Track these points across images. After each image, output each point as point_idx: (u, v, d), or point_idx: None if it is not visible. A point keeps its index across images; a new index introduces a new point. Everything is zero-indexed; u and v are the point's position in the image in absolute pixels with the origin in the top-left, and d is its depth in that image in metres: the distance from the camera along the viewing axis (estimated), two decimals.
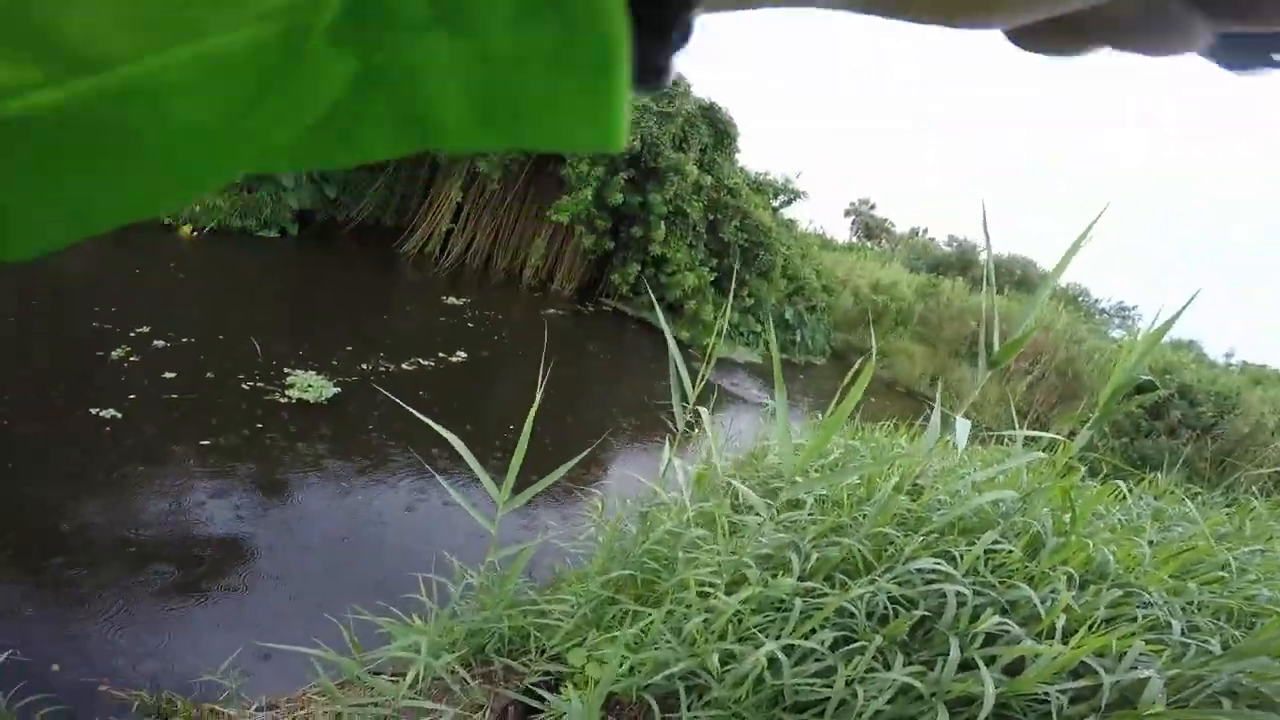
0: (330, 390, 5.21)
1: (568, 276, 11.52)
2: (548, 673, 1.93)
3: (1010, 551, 2.07)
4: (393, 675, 1.87)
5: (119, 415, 3.97)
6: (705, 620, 1.78)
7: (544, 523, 3.93)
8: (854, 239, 32.29)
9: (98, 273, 6.67)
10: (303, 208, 9.93)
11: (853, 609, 1.87)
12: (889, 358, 14.30)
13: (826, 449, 3.64)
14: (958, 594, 1.87)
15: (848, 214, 36.13)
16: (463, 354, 7.20)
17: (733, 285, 4.61)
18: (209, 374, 4.88)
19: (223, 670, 2.09)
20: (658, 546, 2.07)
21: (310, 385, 5.17)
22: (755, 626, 1.83)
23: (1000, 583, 1.97)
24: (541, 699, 1.68)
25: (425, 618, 1.96)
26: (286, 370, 5.28)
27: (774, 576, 1.94)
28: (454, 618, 1.94)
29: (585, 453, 1.98)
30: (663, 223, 10.37)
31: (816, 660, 1.79)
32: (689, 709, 1.69)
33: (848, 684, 1.70)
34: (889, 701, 1.69)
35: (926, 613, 1.89)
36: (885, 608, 1.93)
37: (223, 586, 3.03)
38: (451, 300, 9.26)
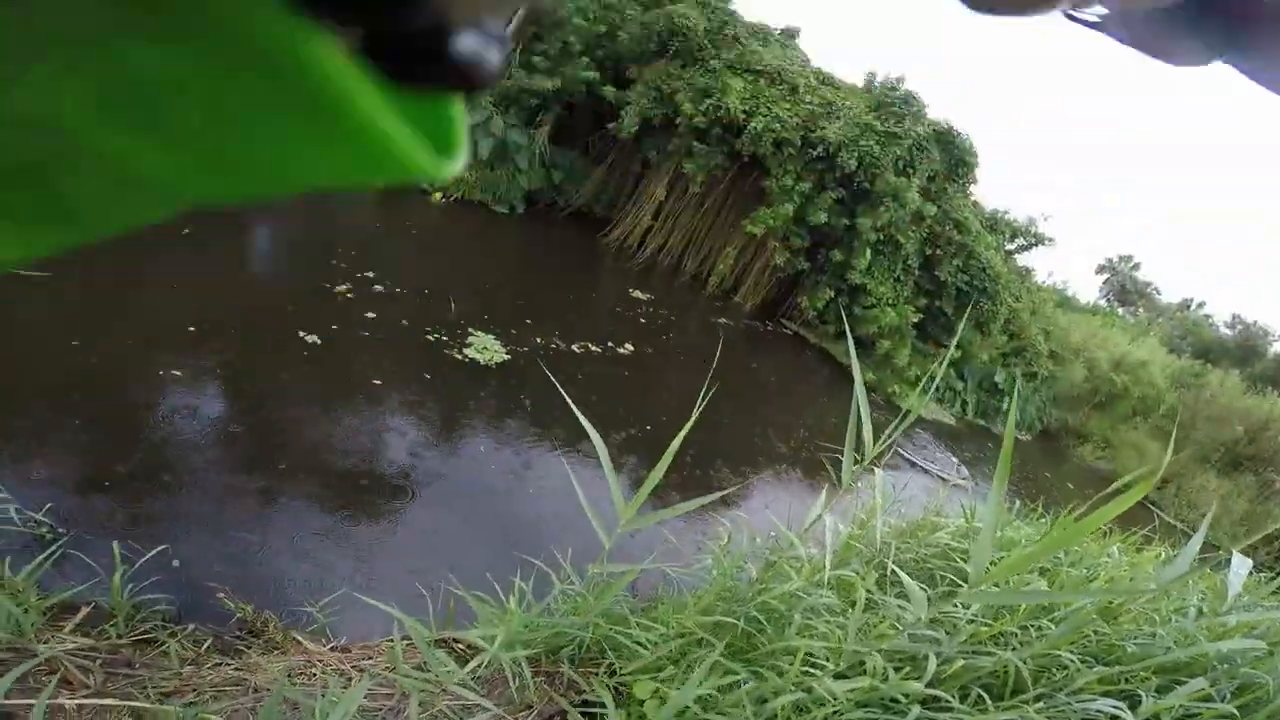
0: (501, 355, 5.55)
1: (753, 290, 11.16)
2: (614, 692, 1.74)
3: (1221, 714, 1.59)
4: (467, 650, 1.82)
5: (319, 341, 4.60)
6: (796, 702, 1.45)
7: (664, 536, 3.74)
8: (1103, 301, 27.40)
9: (353, 223, 7.97)
10: (531, 189, 10.90)
11: None
12: (1113, 449, 11.97)
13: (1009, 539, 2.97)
14: None
15: (1100, 271, 30.46)
16: (629, 347, 7.30)
17: (933, 329, 3.97)
18: (404, 320, 5.47)
19: (321, 605, 2.22)
20: (774, 601, 1.76)
21: (485, 348, 5.55)
22: None
23: None
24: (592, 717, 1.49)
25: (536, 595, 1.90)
26: (471, 330, 5.75)
27: (898, 672, 1.54)
28: (544, 614, 1.84)
29: (723, 491, 1.74)
30: (869, 250, 9.50)
31: None
32: None
33: None
34: None
35: None
36: None
37: (353, 518, 3.29)
38: (636, 294, 9.49)
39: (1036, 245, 11.90)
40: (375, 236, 7.70)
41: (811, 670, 1.57)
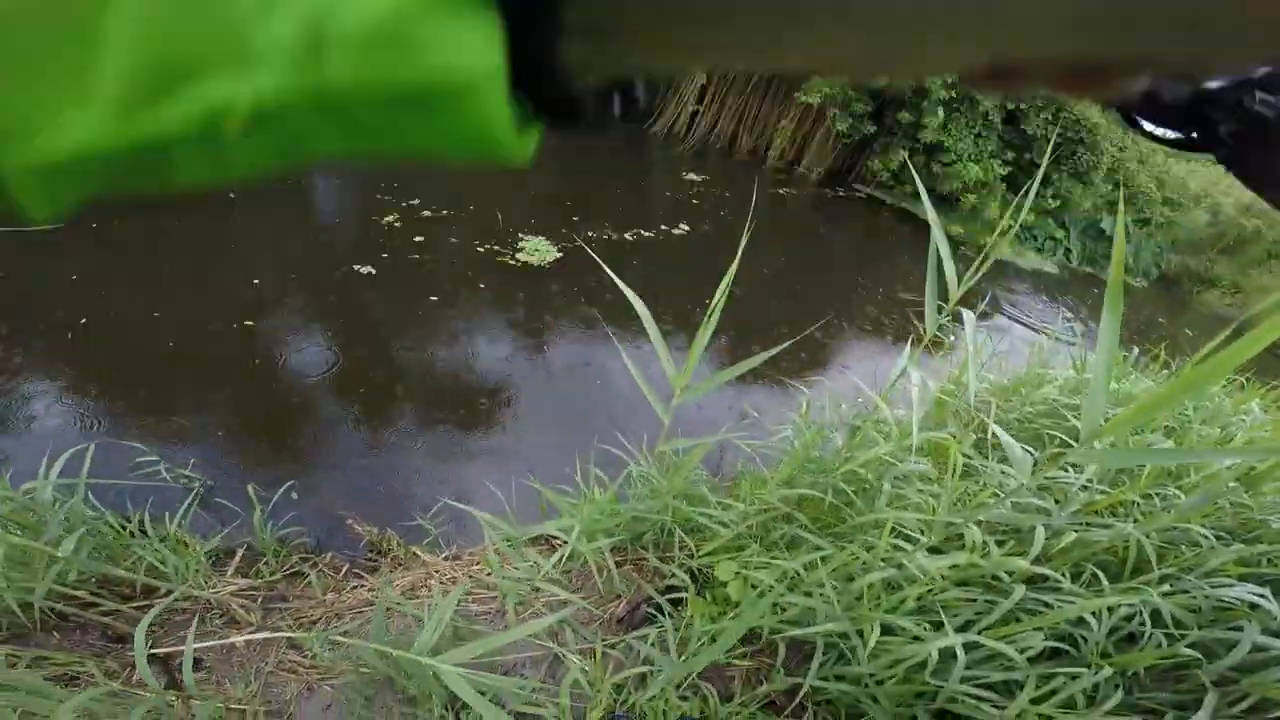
0: (553, 254, 5.53)
1: (818, 159, 10.40)
2: (694, 576, 1.71)
3: None
4: (559, 545, 1.83)
5: (373, 271, 4.68)
6: (887, 579, 1.34)
7: (745, 411, 3.64)
8: None
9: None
10: None
11: (1090, 618, 1.31)
12: (1244, 294, 10.83)
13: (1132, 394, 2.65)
14: (1260, 641, 1.25)
15: None
16: (684, 227, 7.02)
17: (1025, 180, 3.44)
18: (453, 239, 5.47)
19: (431, 515, 2.29)
20: (862, 470, 1.63)
21: (537, 249, 5.56)
22: (950, 603, 1.36)
23: None
24: (677, 603, 1.47)
25: (607, 486, 1.86)
26: (521, 235, 5.72)
27: (1000, 546, 1.40)
28: (618, 502, 1.80)
29: (785, 344, 1.58)
30: (940, 108, 8.64)
31: (1004, 668, 1.31)
32: (820, 669, 1.34)
33: (1020, 715, 1.24)
34: None
35: (1192, 652, 1.28)
36: (1140, 627, 1.35)
37: (439, 430, 3.40)
38: (690, 176, 9.06)
39: None
40: (421, 165, 7.62)
41: (903, 545, 1.45)
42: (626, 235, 6.38)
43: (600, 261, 1.58)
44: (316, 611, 1.94)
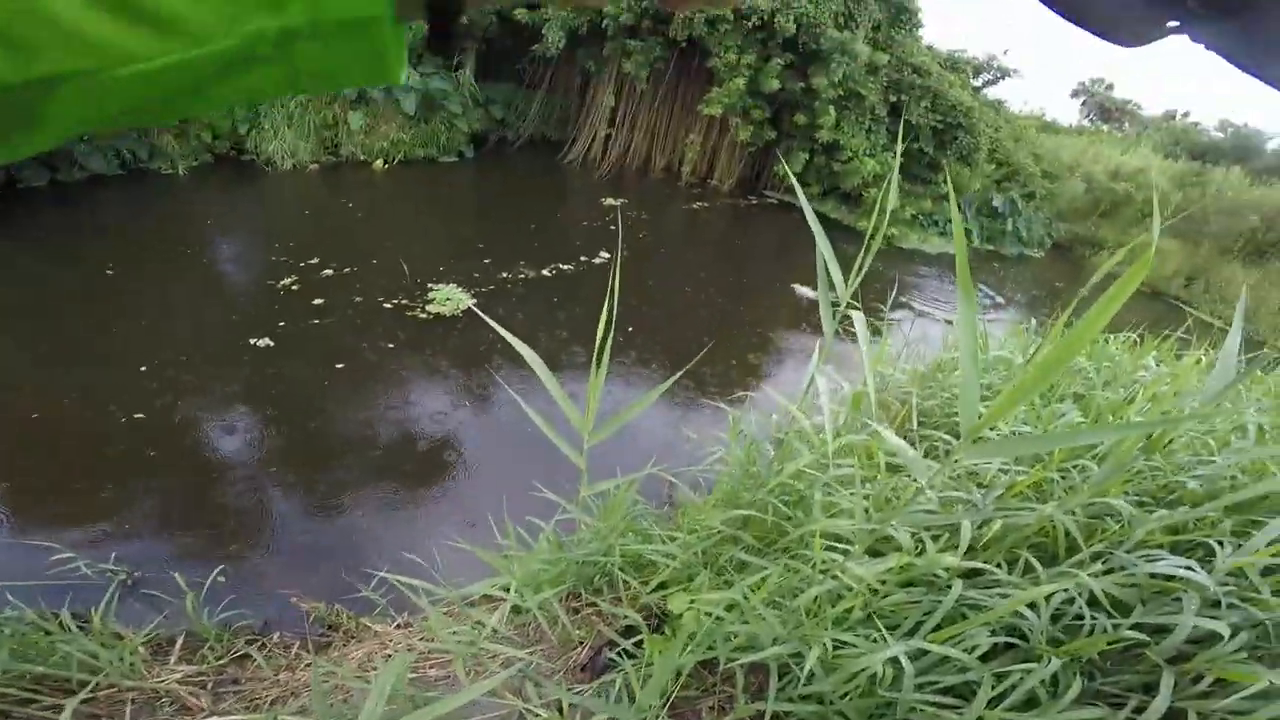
0: (466, 302, 5.32)
1: (727, 171, 10.86)
2: (651, 612, 1.71)
3: None
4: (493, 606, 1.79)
5: (270, 343, 4.42)
6: (828, 591, 1.36)
7: (687, 433, 3.68)
8: (1086, 122, 27.32)
9: (292, 209, 7.61)
10: (474, 131, 10.34)
11: (1028, 611, 1.32)
12: (1131, 253, 11.86)
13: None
14: (1199, 621, 1.24)
15: (1076, 95, 30.06)
16: (605, 255, 7.04)
17: (907, 165, 3.69)
18: (357, 298, 5.20)
19: (372, 587, 2.20)
20: (792, 482, 1.67)
21: (449, 299, 5.30)
22: (895, 606, 1.37)
23: None
24: (641, 643, 1.46)
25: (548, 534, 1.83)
26: (430, 285, 5.50)
27: (935, 541, 1.43)
28: (560, 549, 1.78)
29: (687, 366, 1.61)
30: (831, 107, 9.20)
31: (958, 670, 1.30)
32: (780, 692, 1.33)
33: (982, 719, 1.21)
34: None
35: (1138, 634, 1.28)
36: (1079, 611, 1.34)
37: (372, 497, 3.28)
38: (609, 202, 9.17)
39: (1002, 78, 11.92)
40: (318, 220, 7.35)
41: (836, 554, 1.46)
42: (545, 271, 6.31)
43: (484, 316, 1.58)
44: (271, 691, 1.84)
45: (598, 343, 1.22)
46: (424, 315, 5.07)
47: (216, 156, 8.36)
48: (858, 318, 1.51)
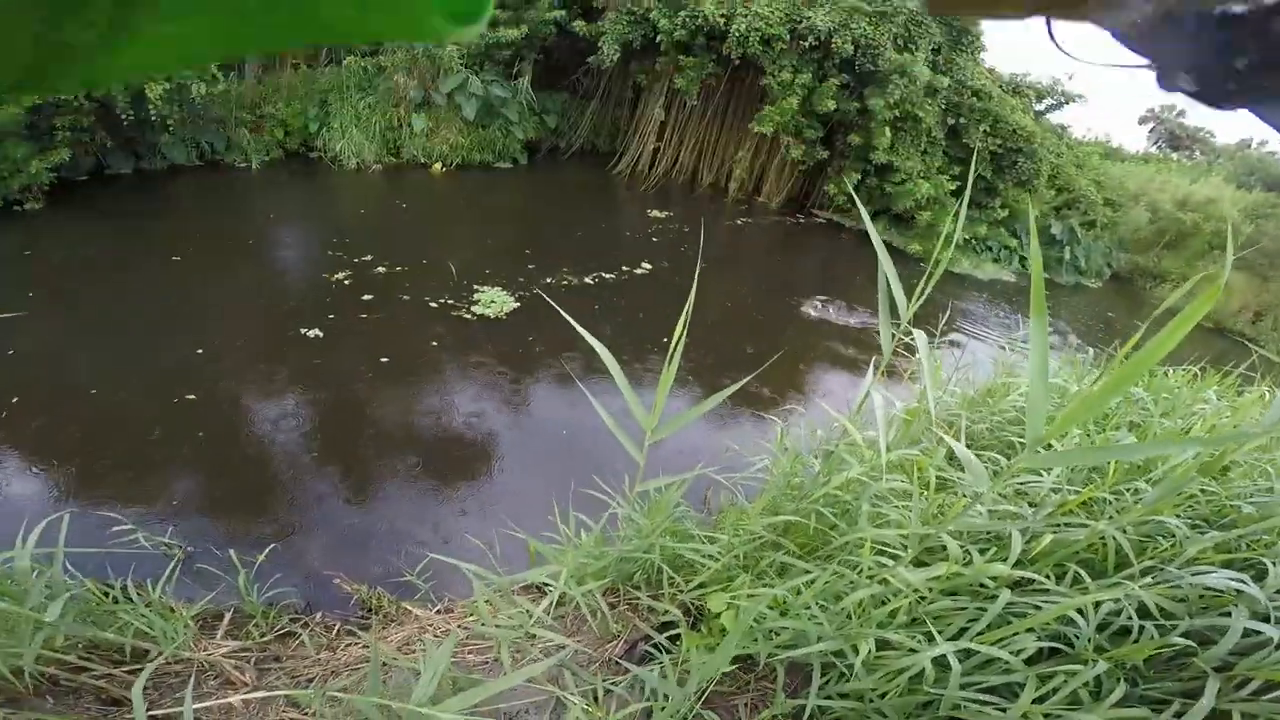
0: (510, 305, 5.44)
1: (775, 188, 10.82)
2: (688, 610, 1.73)
3: None
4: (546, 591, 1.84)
5: (320, 334, 4.60)
6: (875, 594, 1.39)
7: (729, 444, 3.70)
8: (1154, 149, 26.09)
9: (352, 207, 7.93)
10: (528, 139, 10.62)
11: (1076, 616, 1.35)
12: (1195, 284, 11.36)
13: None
14: (1251, 625, 1.28)
15: (1144, 121, 28.84)
16: (647, 265, 7.09)
17: (970, 191, 3.64)
18: (405, 296, 5.36)
19: (417, 572, 2.28)
20: (839, 493, 1.68)
21: (493, 301, 5.44)
22: (940, 612, 1.40)
23: None
24: (675, 639, 1.48)
25: (591, 530, 1.88)
26: (476, 287, 5.65)
27: (983, 554, 1.44)
28: (605, 544, 1.83)
29: (747, 378, 1.64)
30: (888, 129, 9.10)
31: (1002, 671, 1.34)
32: (820, 689, 1.36)
33: (1025, 715, 1.26)
34: None
35: (1185, 640, 1.31)
36: (1128, 620, 1.38)
37: (381, 494, 3.38)
38: (654, 213, 9.26)
39: (1066, 104, 11.39)
40: (375, 218, 7.65)
41: (886, 561, 1.50)
42: (587, 279, 6.40)
43: (558, 308, 1.64)
44: (312, 670, 1.91)
45: (673, 343, 1.27)
46: (468, 316, 5.22)
47: (287, 153, 8.80)
48: (920, 336, 1.52)
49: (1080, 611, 1.38)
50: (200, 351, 4.20)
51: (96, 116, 6.53)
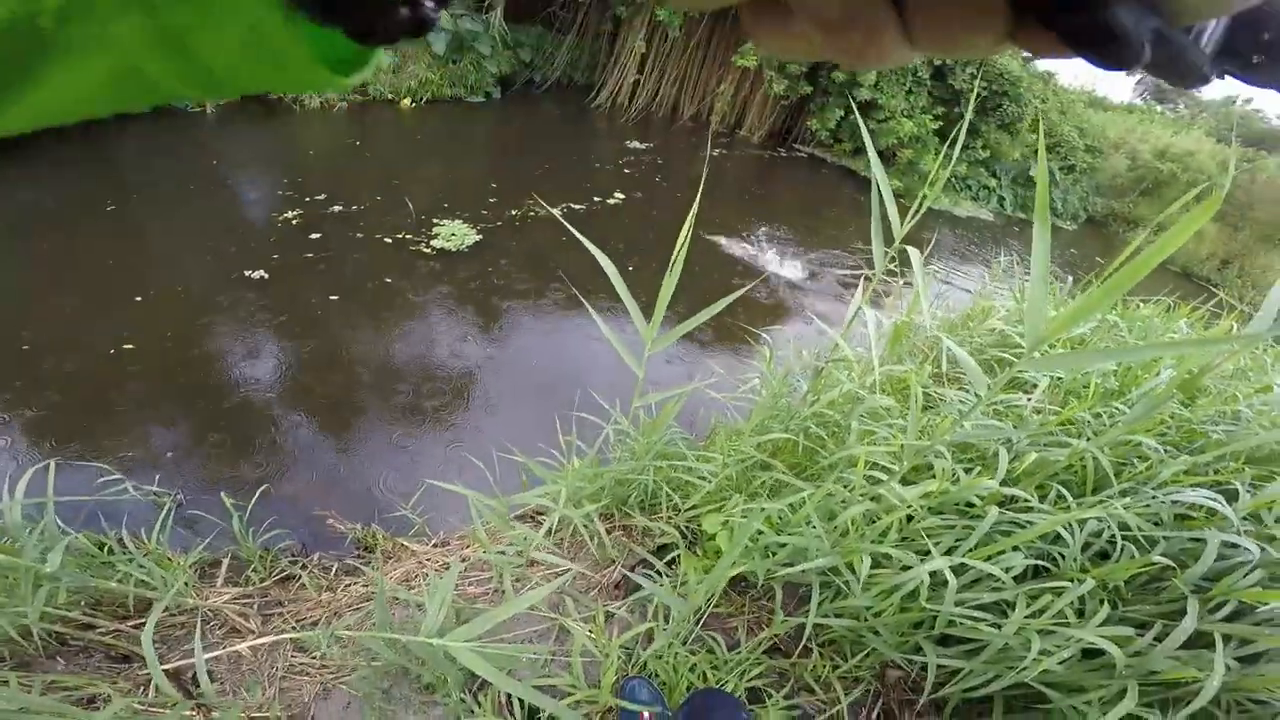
0: (472, 238, 5.26)
1: (758, 122, 10.61)
2: (682, 533, 1.77)
3: None
4: (540, 519, 1.86)
5: (265, 275, 4.38)
6: (866, 512, 1.42)
7: (710, 369, 3.70)
8: (1139, 100, 26.14)
9: (311, 147, 7.52)
10: (502, 73, 10.14)
11: (1063, 533, 1.40)
12: (1166, 231, 11.72)
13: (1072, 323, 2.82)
14: (1224, 543, 1.34)
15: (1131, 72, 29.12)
16: (619, 196, 6.91)
17: (961, 133, 3.55)
18: (358, 234, 5.11)
19: (412, 505, 2.28)
20: (829, 411, 1.70)
21: (454, 234, 5.24)
22: (928, 530, 1.44)
23: None
24: (671, 564, 1.52)
25: (584, 455, 1.88)
26: (435, 222, 5.42)
27: (969, 472, 1.48)
28: (601, 465, 1.83)
29: (739, 292, 1.62)
30: None
31: (992, 589, 1.40)
32: (819, 607, 1.41)
33: (1020, 630, 1.31)
34: (1063, 662, 1.27)
35: (1165, 559, 1.36)
36: (1109, 540, 1.44)
37: (401, 423, 3.35)
38: (633, 145, 9.02)
39: None
40: (333, 157, 7.28)
41: (878, 476, 1.54)
42: (555, 209, 6.23)
43: (563, 220, 1.59)
44: (315, 612, 1.93)
45: (676, 248, 1.23)
46: (427, 250, 5.05)
47: (244, 95, 8.25)
48: (914, 252, 1.51)
49: (1067, 529, 1.43)
50: (138, 299, 4.03)
51: None
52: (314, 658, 1.73)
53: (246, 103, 8.20)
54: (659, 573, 1.74)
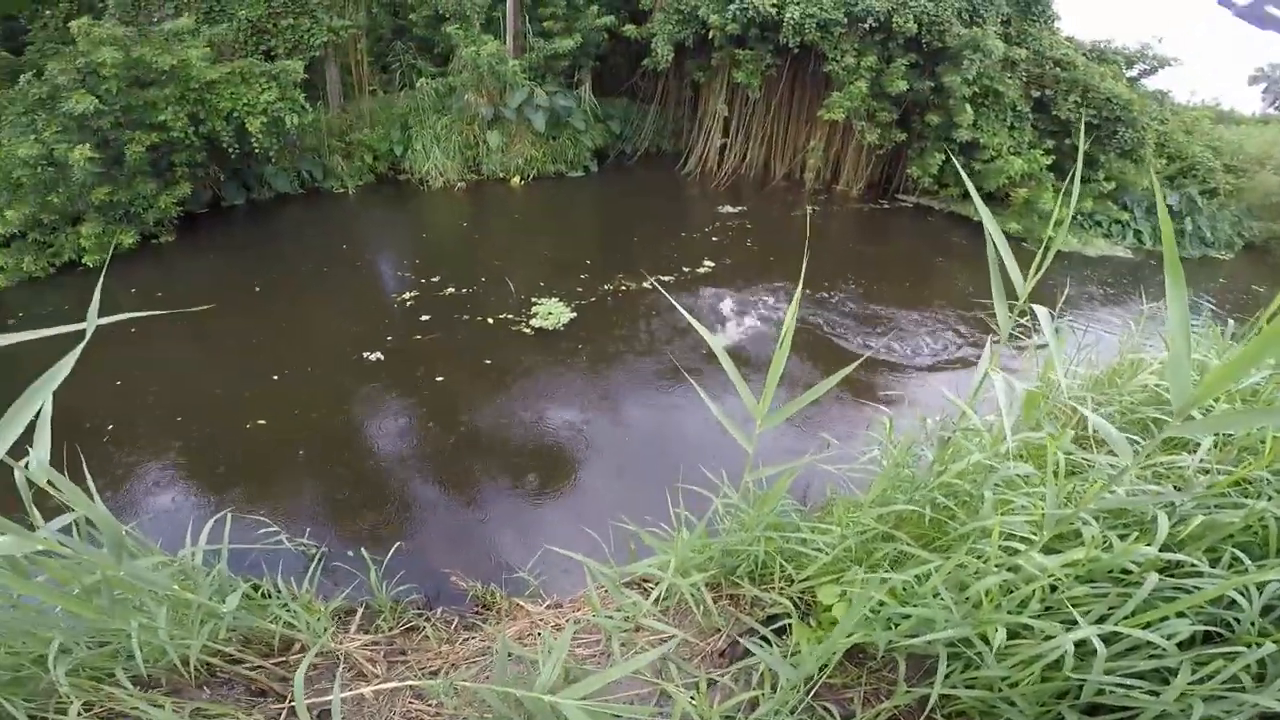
0: (567, 316, 5.48)
1: (854, 175, 10.45)
2: (796, 605, 1.67)
3: None
4: (653, 587, 1.84)
5: (380, 357, 4.80)
6: (1003, 583, 1.29)
7: (822, 440, 3.57)
8: (1273, 109, 23.30)
9: (431, 226, 8.26)
10: (597, 146, 10.83)
11: (1238, 597, 1.23)
12: None
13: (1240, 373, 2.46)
14: None
15: (1255, 81, 25.81)
16: (709, 264, 6.94)
17: (1077, 167, 3.32)
18: (465, 316, 5.49)
19: (529, 568, 2.35)
20: (958, 481, 1.58)
21: (550, 313, 5.51)
22: (1074, 600, 1.30)
23: None
24: (779, 633, 1.44)
25: (690, 529, 1.86)
26: (534, 301, 5.72)
27: (1123, 539, 1.32)
28: (710, 536, 1.80)
29: (857, 362, 1.58)
30: (968, 105, 8.63)
31: (1151, 657, 1.24)
32: (946, 678, 1.27)
33: (1181, 697, 1.15)
34: None
35: None
36: None
37: (517, 493, 3.48)
38: (725, 209, 9.16)
39: (1160, 68, 10.43)
40: (449, 236, 7.97)
41: (1014, 547, 1.40)
42: (644, 285, 6.32)
43: (668, 295, 1.63)
44: (435, 662, 2.00)
45: (785, 326, 1.23)
46: (527, 330, 5.32)
47: (378, 176, 9.39)
48: (1041, 311, 1.41)
49: (1243, 593, 1.25)
50: (275, 378, 4.53)
51: (208, 152, 7.26)
52: (430, 705, 1.78)
53: (381, 183, 9.29)
54: (767, 641, 1.66)
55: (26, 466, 1.10)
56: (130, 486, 3.47)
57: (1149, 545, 1.29)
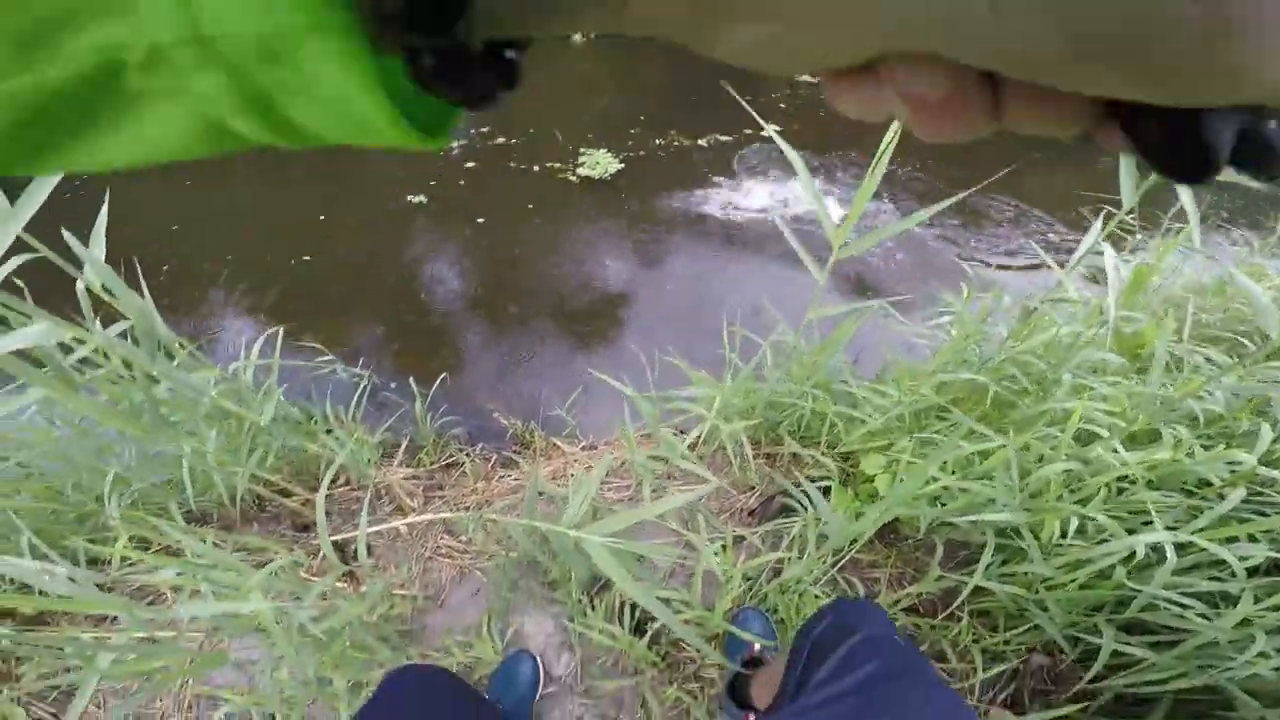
0: (615, 166, 5.32)
1: None
2: (837, 470, 1.63)
3: None
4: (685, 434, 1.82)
5: (426, 200, 4.67)
6: (1069, 470, 1.20)
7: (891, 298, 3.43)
8: None
9: None
10: None
11: None
12: None
13: None
14: None
15: None
16: (775, 127, 6.40)
17: None
18: (511, 163, 5.30)
19: (568, 406, 2.35)
20: (1033, 358, 1.45)
21: (598, 163, 5.39)
22: (1141, 506, 1.20)
23: None
24: (811, 497, 1.40)
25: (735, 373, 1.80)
26: (582, 151, 5.47)
27: (1207, 450, 1.20)
28: (757, 381, 1.73)
29: (976, 187, 1.38)
30: None
31: (1213, 578, 1.15)
32: (985, 570, 1.23)
33: (1244, 622, 1.07)
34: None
35: None
36: None
37: (561, 336, 3.47)
38: (806, 76, 8.38)
39: None
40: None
41: (1091, 432, 1.30)
42: (700, 141, 5.98)
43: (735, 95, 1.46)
44: (470, 499, 2.10)
45: (879, 149, 1.07)
46: (573, 178, 5.14)
47: None
48: (1185, 196, 1.20)
49: None
50: (322, 217, 4.49)
51: None
52: (460, 541, 1.88)
53: None
54: (803, 506, 1.65)
55: (83, 272, 1.07)
56: (184, 319, 3.62)
57: (1246, 450, 1.17)
